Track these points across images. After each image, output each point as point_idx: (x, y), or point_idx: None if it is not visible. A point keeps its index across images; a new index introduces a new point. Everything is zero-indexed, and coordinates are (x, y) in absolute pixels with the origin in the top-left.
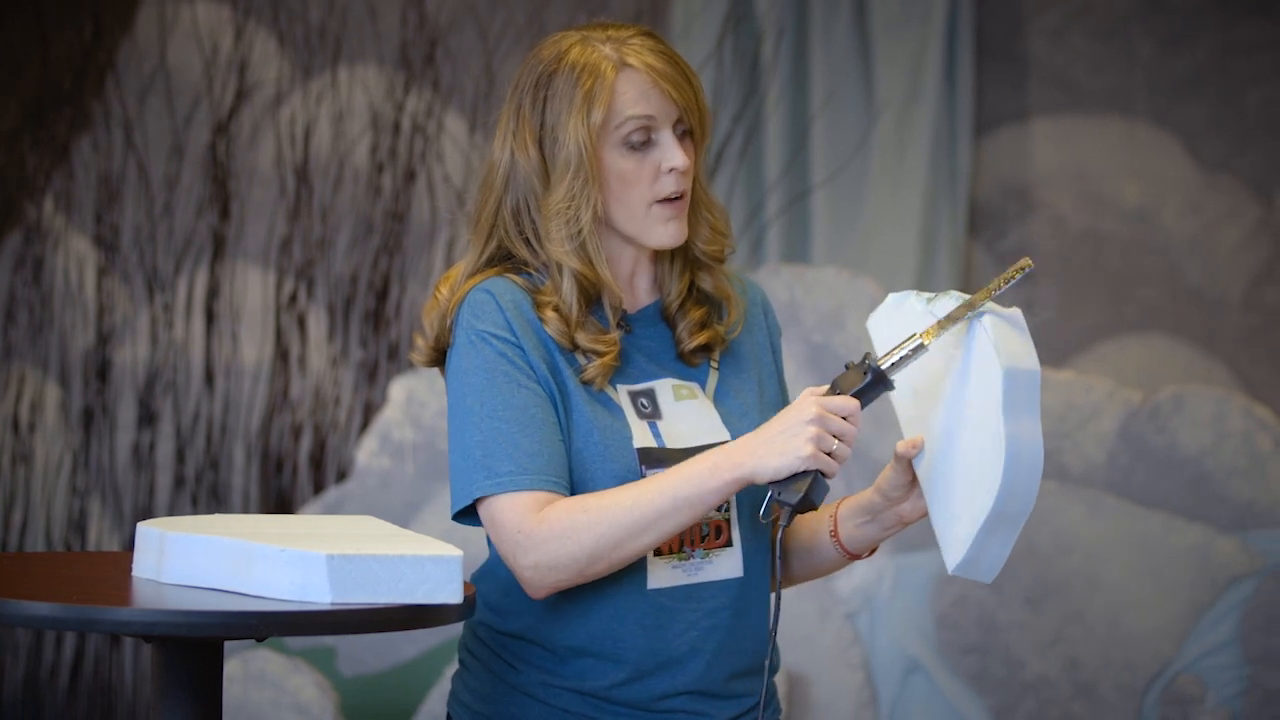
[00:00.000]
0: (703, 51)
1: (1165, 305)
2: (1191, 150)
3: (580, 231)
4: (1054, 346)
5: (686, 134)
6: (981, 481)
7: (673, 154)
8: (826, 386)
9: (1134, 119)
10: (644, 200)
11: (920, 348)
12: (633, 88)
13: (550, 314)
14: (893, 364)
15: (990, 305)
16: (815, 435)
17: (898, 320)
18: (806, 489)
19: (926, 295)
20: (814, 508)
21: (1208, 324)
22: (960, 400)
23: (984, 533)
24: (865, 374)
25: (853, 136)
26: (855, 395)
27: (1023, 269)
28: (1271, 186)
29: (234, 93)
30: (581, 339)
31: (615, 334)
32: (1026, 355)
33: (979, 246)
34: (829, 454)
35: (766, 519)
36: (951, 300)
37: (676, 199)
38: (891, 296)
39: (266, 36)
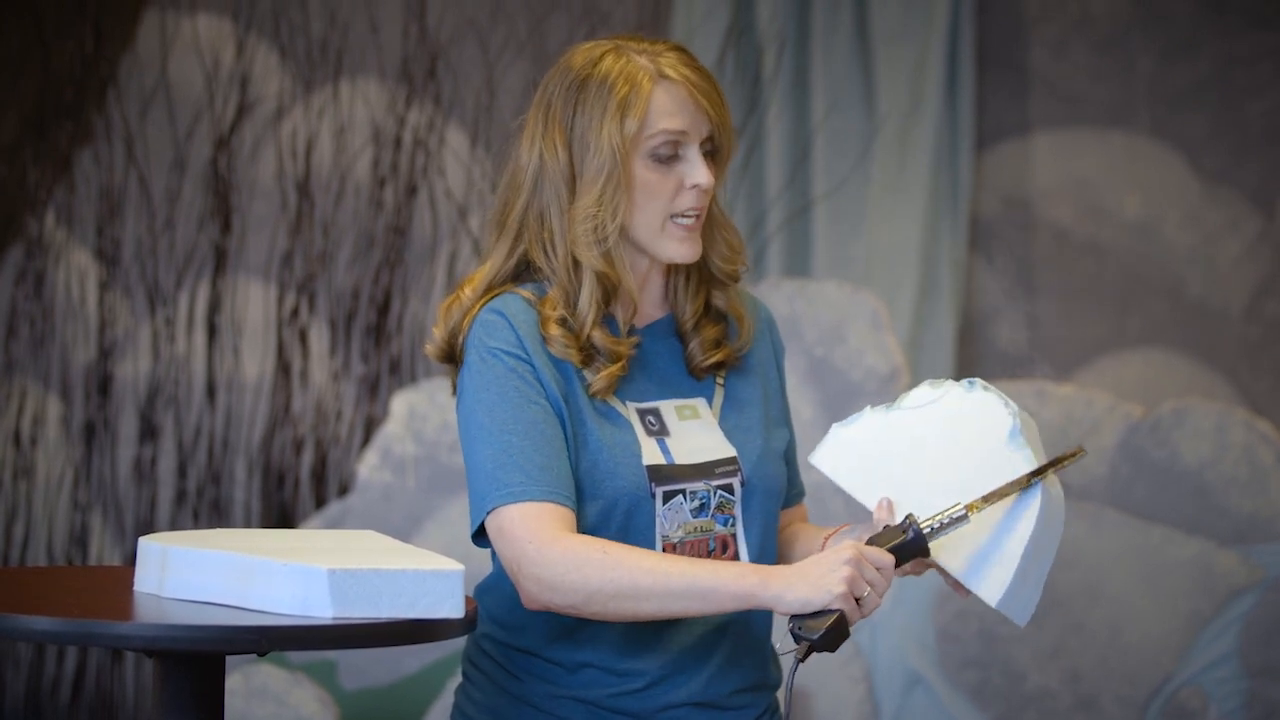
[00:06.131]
0: (704, 64)
1: (1166, 318)
2: (1192, 162)
3: (607, 238)
4: (1055, 360)
5: (711, 153)
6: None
7: (697, 171)
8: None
9: (1135, 131)
10: (663, 213)
11: (963, 519)
12: (669, 99)
13: (555, 330)
14: (933, 530)
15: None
16: (850, 577)
17: (853, 452)
18: (829, 627)
19: (880, 407)
20: (832, 649)
21: (1209, 337)
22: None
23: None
24: (905, 532)
25: (854, 149)
26: (892, 550)
27: (1075, 456)
28: (1272, 198)
29: (235, 106)
30: (598, 338)
31: (627, 340)
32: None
33: (980, 259)
34: (858, 600)
35: (784, 651)
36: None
37: (694, 217)
38: (834, 429)
39: (268, 50)
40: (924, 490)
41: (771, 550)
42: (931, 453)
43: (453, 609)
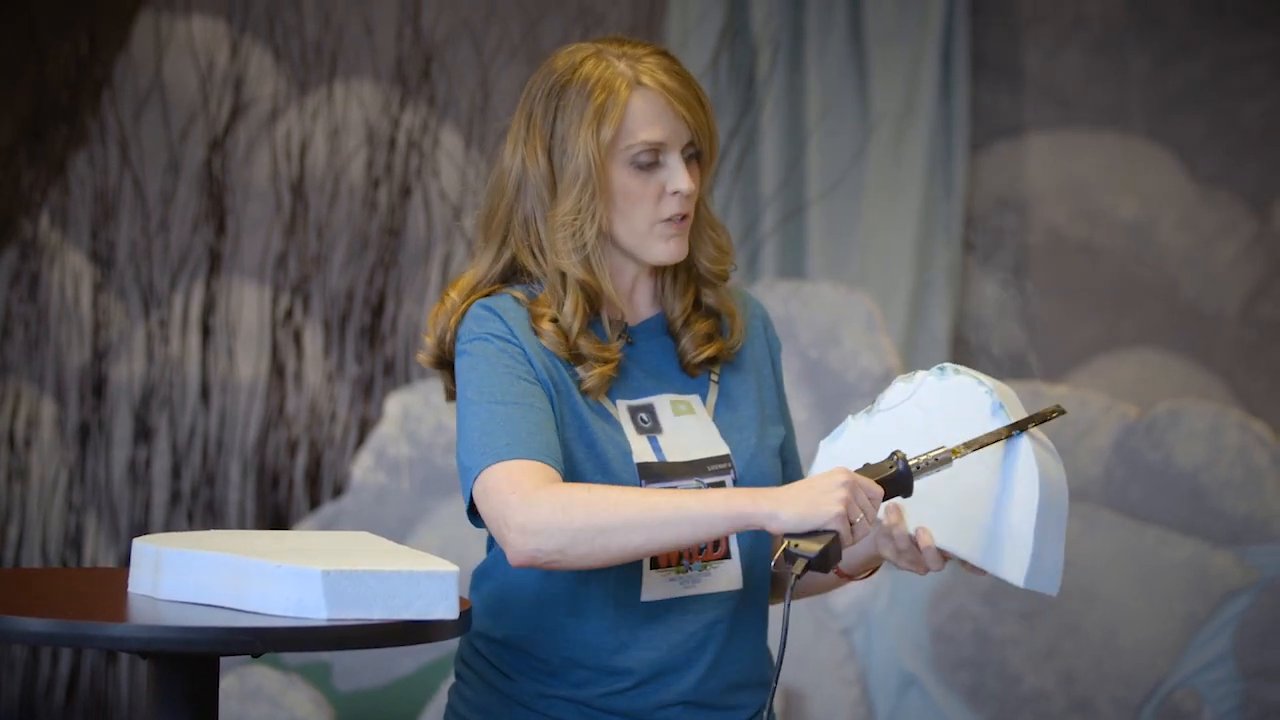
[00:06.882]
0: (699, 66)
1: (1161, 320)
2: (1187, 164)
3: (585, 245)
4: (1050, 361)
5: (694, 156)
6: (1016, 496)
7: (678, 178)
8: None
9: (1130, 133)
10: (647, 219)
11: (947, 461)
12: (647, 107)
13: (547, 325)
14: (919, 467)
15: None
16: (846, 498)
17: (845, 466)
18: (826, 547)
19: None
20: (826, 569)
21: (1204, 338)
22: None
23: (1037, 539)
24: (893, 466)
25: (848, 151)
26: (881, 483)
27: (1056, 412)
28: (1268, 200)
29: (230, 108)
30: (584, 346)
31: (615, 344)
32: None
33: (974, 261)
34: (851, 525)
35: (778, 569)
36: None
37: (679, 220)
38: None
39: (262, 52)
40: (925, 486)
41: (764, 547)
42: (921, 447)
43: (447, 610)
